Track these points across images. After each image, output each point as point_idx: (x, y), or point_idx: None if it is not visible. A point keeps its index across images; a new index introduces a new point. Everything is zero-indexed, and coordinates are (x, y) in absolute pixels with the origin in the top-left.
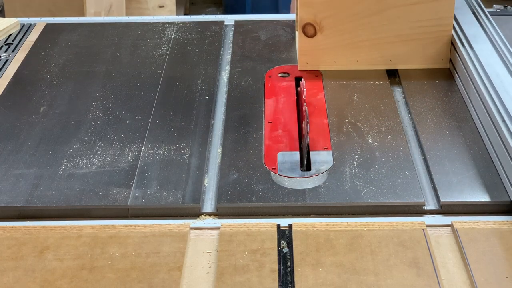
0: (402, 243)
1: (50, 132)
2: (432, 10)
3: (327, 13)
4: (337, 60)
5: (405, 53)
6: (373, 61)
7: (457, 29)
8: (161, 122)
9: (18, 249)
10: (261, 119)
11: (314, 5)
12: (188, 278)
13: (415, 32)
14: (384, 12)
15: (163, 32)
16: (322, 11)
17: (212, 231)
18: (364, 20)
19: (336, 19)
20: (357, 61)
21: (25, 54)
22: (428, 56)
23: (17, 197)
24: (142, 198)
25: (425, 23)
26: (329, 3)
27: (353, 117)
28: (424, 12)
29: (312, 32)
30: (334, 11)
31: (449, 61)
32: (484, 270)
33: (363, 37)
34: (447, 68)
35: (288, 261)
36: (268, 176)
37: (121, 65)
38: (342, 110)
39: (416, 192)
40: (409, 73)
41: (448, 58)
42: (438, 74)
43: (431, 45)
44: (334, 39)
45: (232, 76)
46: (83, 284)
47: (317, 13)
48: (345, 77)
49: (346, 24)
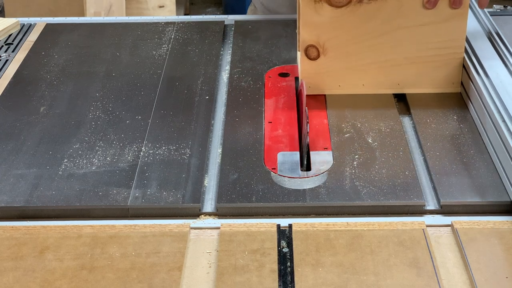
0: (402, 243)
1: (50, 132)
2: (443, 31)
3: (331, 34)
4: (342, 84)
5: (414, 77)
6: (380, 85)
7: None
8: (161, 122)
9: (18, 249)
10: (261, 119)
11: (317, 26)
12: (188, 278)
13: (425, 54)
14: (392, 34)
15: (163, 32)
16: (325, 32)
17: (212, 231)
18: (370, 42)
19: (340, 40)
20: (363, 85)
21: (25, 54)
22: (438, 79)
23: (17, 197)
24: (142, 198)
25: (435, 45)
26: (333, 24)
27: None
28: (434, 34)
29: (315, 55)
30: (338, 32)
31: (460, 85)
32: (484, 270)
33: (370, 60)
34: (458, 92)
35: (288, 261)
36: (268, 176)
37: (121, 65)
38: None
39: (416, 192)
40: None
41: (459, 82)
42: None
43: (441, 68)
44: (338, 61)
45: (232, 76)
46: (83, 284)
47: (321, 35)
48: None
49: (351, 46)
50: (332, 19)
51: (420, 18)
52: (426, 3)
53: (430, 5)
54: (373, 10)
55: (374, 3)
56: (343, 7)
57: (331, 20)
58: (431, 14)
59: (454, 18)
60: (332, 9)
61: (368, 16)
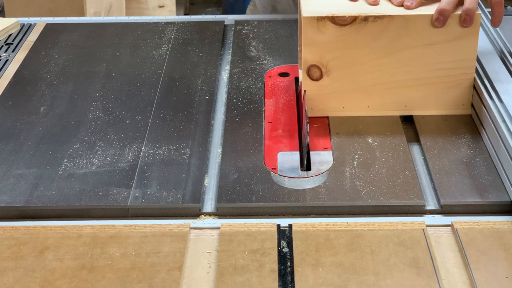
0: (402, 243)
1: (50, 132)
2: (453, 51)
3: (335, 54)
4: (346, 106)
5: (422, 98)
6: (386, 106)
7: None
8: (161, 122)
9: (18, 249)
10: (261, 119)
11: (320, 45)
12: (188, 278)
13: (433, 75)
14: (399, 53)
15: (163, 32)
16: (329, 52)
17: (212, 231)
18: (376, 62)
19: (344, 60)
20: (368, 106)
21: (25, 54)
22: (448, 101)
23: (17, 197)
24: (142, 198)
25: (445, 65)
26: (337, 43)
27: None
28: (443, 53)
29: (318, 75)
30: (342, 51)
31: (471, 106)
32: (484, 270)
33: (375, 81)
34: (468, 114)
35: (288, 261)
36: (268, 176)
37: (121, 65)
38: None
39: (416, 192)
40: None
41: (469, 104)
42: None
43: (451, 89)
44: (342, 82)
45: (232, 76)
46: (83, 284)
47: (324, 54)
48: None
49: (356, 66)
50: (336, 38)
51: (428, 37)
52: (435, 21)
53: (439, 24)
54: (379, 29)
55: (380, 22)
56: (348, 25)
57: (335, 39)
58: (440, 33)
59: (465, 37)
60: (336, 28)
61: (374, 35)
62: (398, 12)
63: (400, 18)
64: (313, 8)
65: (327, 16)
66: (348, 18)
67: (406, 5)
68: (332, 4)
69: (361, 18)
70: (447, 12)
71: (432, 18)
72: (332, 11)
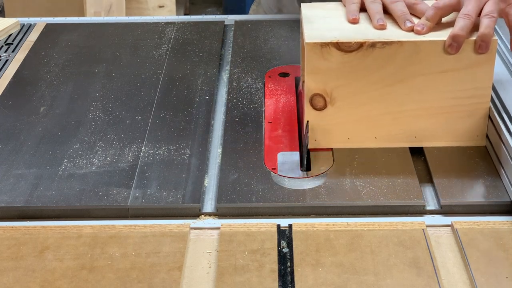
0: (402, 243)
1: (50, 132)
2: (466, 78)
3: (340, 82)
4: (352, 137)
5: (433, 129)
6: (395, 137)
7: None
8: (161, 122)
9: (18, 249)
10: (261, 119)
11: (324, 73)
12: (188, 278)
13: (446, 104)
14: (409, 81)
15: (163, 32)
16: (333, 80)
17: (212, 231)
18: (384, 90)
19: (350, 89)
20: (375, 137)
21: (25, 54)
22: (461, 132)
23: (17, 197)
24: (142, 198)
25: (458, 93)
26: (342, 71)
27: None
28: (456, 82)
29: (322, 104)
30: (348, 79)
31: (486, 138)
32: (484, 270)
33: (383, 110)
34: (483, 146)
35: (288, 261)
36: (268, 176)
37: (121, 65)
38: None
39: (416, 192)
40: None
41: (484, 135)
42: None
43: (464, 120)
44: (348, 112)
45: (232, 76)
46: (83, 284)
47: (328, 82)
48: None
49: (363, 94)
50: (341, 65)
51: (440, 64)
52: (448, 47)
53: (453, 50)
54: (388, 55)
55: (388, 48)
56: (354, 51)
57: (340, 66)
58: (454, 60)
59: (480, 64)
60: (341, 54)
61: (382, 62)
62: (408, 37)
63: (410, 44)
64: (316, 32)
65: (331, 42)
66: (354, 44)
67: (416, 30)
68: (336, 27)
69: (368, 44)
70: (461, 37)
71: (445, 44)
72: (336, 36)
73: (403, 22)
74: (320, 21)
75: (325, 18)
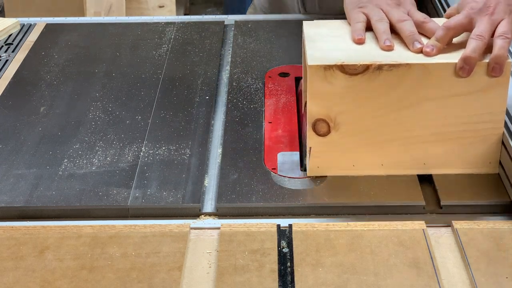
0: (402, 243)
1: (50, 132)
2: (479, 103)
3: (344, 107)
4: (357, 164)
5: (443, 155)
6: (402, 164)
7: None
8: (161, 122)
9: (18, 249)
10: (261, 119)
11: (328, 97)
12: (188, 278)
13: (456, 129)
14: (418, 106)
15: (163, 32)
16: (338, 104)
17: (212, 231)
18: (391, 115)
19: (355, 114)
20: (381, 164)
21: (25, 54)
22: (472, 159)
23: (17, 197)
24: (142, 198)
25: (469, 118)
26: (347, 95)
27: None
28: (468, 106)
29: (325, 130)
30: (353, 104)
31: (499, 165)
32: (484, 270)
33: (390, 136)
34: (496, 173)
35: (288, 261)
36: (268, 176)
37: (121, 65)
38: None
39: (416, 192)
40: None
41: (497, 161)
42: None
43: (476, 146)
44: (352, 138)
45: (232, 76)
46: (83, 284)
47: (332, 107)
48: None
49: (369, 120)
50: (346, 89)
51: (451, 87)
52: (459, 70)
53: (464, 73)
54: (395, 79)
55: (396, 70)
56: (359, 74)
57: (345, 90)
58: (465, 83)
59: (492, 88)
60: (346, 77)
61: (389, 86)
62: (417, 59)
63: (419, 66)
64: (319, 53)
65: (335, 65)
66: (360, 66)
67: (425, 51)
68: (340, 47)
69: (375, 66)
70: (474, 60)
71: (456, 66)
72: (341, 57)
73: (412, 42)
74: (324, 40)
75: (329, 37)
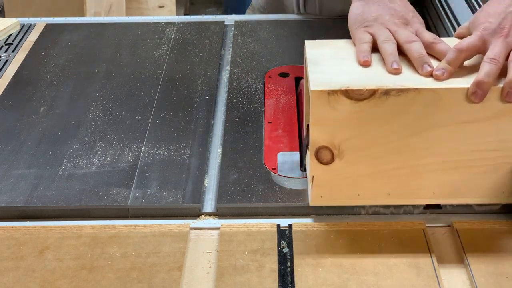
0: (402, 243)
1: (50, 132)
2: (492, 130)
3: (349, 133)
4: (362, 193)
5: (454, 185)
6: (410, 194)
7: None
8: (161, 122)
9: (18, 249)
10: (261, 119)
11: (332, 123)
12: (188, 278)
13: (468, 158)
14: (427, 133)
15: (163, 32)
16: (342, 131)
17: (212, 231)
18: (399, 142)
19: (361, 141)
20: (388, 194)
21: (25, 54)
22: (485, 188)
23: (17, 197)
24: (142, 198)
25: (482, 146)
26: (352, 121)
27: None
28: (480, 133)
29: (329, 158)
30: (358, 131)
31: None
32: (484, 270)
33: (398, 164)
34: (510, 203)
35: (288, 261)
36: (268, 176)
37: (121, 65)
38: None
39: None
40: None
41: (511, 191)
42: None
43: (488, 175)
44: (358, 166)
45: (232, 76)
46: (83, 284)
47: (336, 134)
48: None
49: (375, 147)
50: (351, 115)
51: (462, 113)
52: (472, 95)
53: (477, 98)
54: (403, 104)
55: (404, 96)
56: (365, 100)
57: (350, 116)
58: (478, 109)
59: (507, 114)
60: (351, 103)
61: (397, 112)
62: (426, 84)
63: (429, 91)
64: (322, 76)
65: (340, 90)
66: (366, 91)
67: (435, 75)
68: (345, 70)
69: (382, 91)
70: (487, 85)
71: (468, 92)
72: (345, 82)
73: (421, 65)
74: (327, 62)
75: (333, 59)
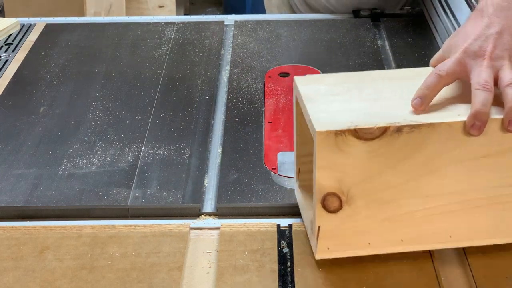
0: None
1: (50, 132)
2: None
3: (359, 177)
4: (373, 242)
5: (473, 225)
6: (425, 239)
7: None
8: (161, 122)
9: (18, 249)
10: (261, 119)
11: (340, 167)
12: (188, 278)
13: (487, 195)
14: (442, 170)
15: (163, 32)
16: (351, 175)
17: (212, 231)
18: (413, 183)
19: (372, 184)
20: (401, 240)
21: (25, 54)
22: (507, 227)
23: (17, 197)
24: (142, 198)
25: (502, 181)
26: (362, 163)
27: None
28: (500, 167)
29: (337, 205)
30: (369, 173)
31: None
32: (484, 270)
33: (411, 207)
34: None
35: (288, 261)
36: (268, 176)
37: (121, 65)
38: None
39: None
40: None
41: None
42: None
43: (508, 212)
44: (368, 213)
45: (232, 76)
46: (83, 284)
47: (344, 179)
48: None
49: (387, 190)
50: (361, 157)
51: (481, 148)
52: (470, 128)
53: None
54: (417, 142)
55: (417, 132)
56: (376, 139)
57: (359, 158)
58: (496, 142)
59: None
60: (360, 143)
61: (410, 149)
62: (441, 118)
63: (445, 126)
64: (325, 115)
65: (348, 129)
66: (376, 130)
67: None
68: (346, 107)
69: (393, 129)
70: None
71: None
72: (353, 120)
73: None
74: (324, 99)
75: (329, 96)
